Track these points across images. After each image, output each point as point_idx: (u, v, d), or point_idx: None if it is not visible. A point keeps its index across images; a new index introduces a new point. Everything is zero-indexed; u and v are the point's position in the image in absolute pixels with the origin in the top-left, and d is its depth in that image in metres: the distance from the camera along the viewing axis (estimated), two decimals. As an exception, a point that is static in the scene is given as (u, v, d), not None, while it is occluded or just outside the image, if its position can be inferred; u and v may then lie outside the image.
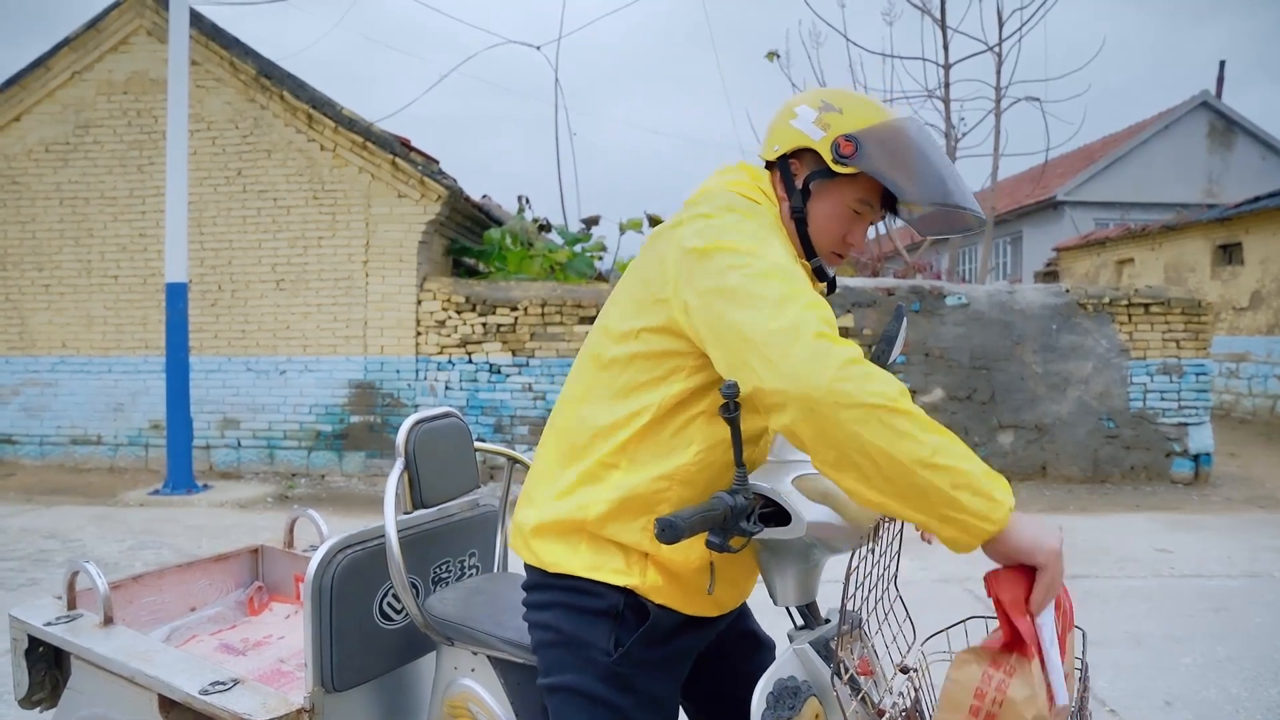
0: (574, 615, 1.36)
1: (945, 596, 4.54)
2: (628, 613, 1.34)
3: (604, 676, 1.33)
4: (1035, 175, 16.16)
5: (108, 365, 8.48)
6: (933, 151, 1.41)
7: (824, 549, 1.31)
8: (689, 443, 1.33)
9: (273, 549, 2.53)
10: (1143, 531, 6.00)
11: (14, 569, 5.02)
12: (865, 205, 1.43)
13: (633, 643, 1.33)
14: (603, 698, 1.33)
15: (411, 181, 8.04)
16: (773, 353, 1.13)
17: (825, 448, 1.12)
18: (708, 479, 1.34)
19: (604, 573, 1.33)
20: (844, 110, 1.40)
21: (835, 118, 1.39)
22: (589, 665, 1.34)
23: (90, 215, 8.49)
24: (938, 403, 7.76)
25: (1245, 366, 11.64)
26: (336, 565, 1.74)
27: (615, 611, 1.34)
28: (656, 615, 1.35)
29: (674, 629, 1.37)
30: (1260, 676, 3.51)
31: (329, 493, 7.55)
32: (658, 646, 1.36)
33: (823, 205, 1.43)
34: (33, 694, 2.06)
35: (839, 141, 1.37)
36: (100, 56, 8.48)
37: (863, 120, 1.38)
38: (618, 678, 1.33)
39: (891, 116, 1.41)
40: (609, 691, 1.33)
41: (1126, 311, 7.90)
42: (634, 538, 1.33)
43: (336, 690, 1.74)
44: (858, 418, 1.08)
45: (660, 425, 1.33)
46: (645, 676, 1.36)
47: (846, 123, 1.38)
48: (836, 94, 1.44)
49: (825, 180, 1.41)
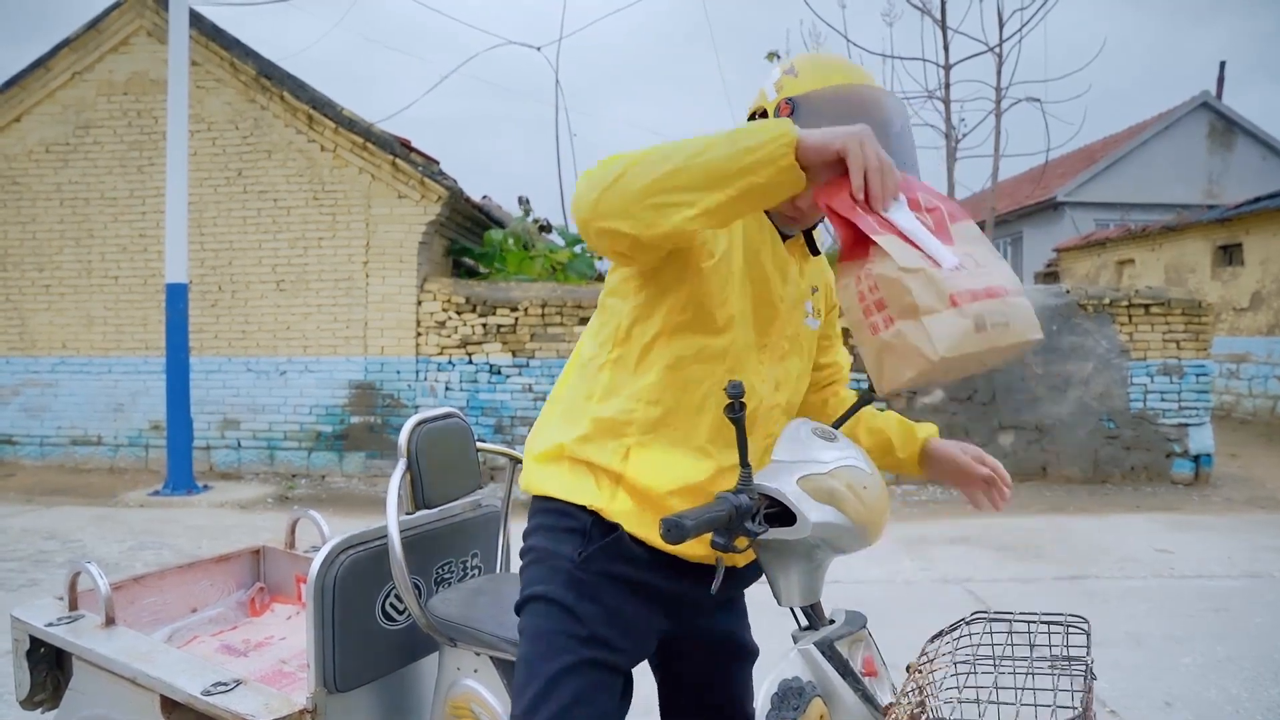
0: (550, 533, 1.41)
1: (946, 596, 4.54)
2: (594, 530, 1.38)
3: (568, 583, 1.37)
4: (1035, 176, 16.17)
5: (108, 366, 8.48)
6: (876, 118, 1.33)
7: (828, 549, 1.31)
8: (652, 365, 1.38)
9: (274, 550, 2.52)
10: (1143, 532, 6.00)
11: (14, 570, 5.02)
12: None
13: (596, 549, 1.36)
14: (562, 601, 1.36)
15: (412, 182, 8.04)
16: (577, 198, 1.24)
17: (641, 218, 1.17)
18: (673, 398, 1.38)
19: (577, 495, 1.38)
20: (800, 73, 1.39)
21: (790, 80, 1.39)
22: (556, 574, 1.38)
23: (90, 216, 8.49)
24: (938, 403, 7.76)
25: (1246, 367, 11.64)
26: (339, 566, 1.74)
27: (584, 529, 1.38)
28: (623, 534, 1.37)
29: (643, 558, 1.37)
30: (1260, 677, 3.51)
31: (329, 493, 7.55)
32: (622, 564, 1.37)
33: None
34: (34, 695, 2.06)
35: (780, 106, 1.37)
36: (100, 57, 8.48)
37: (812, 84, 1.37)
38: (580, 584, 1.36)
39: (845, 81, 1.38)
40: (570, 596, 1.36)
41: (1127, 312, 7.90)
42: (605, 458, 1.38)
43: (339, 691, 1.74)
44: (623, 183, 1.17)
45: (625, 352, 1.40)
46: (610, 589, 1.37)
47: (797, 86, 1.38)
48: (808, 59, 1.44)
49: None
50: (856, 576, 4.79)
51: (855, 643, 1.35)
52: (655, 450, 1.37)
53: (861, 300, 1.09)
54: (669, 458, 1.37)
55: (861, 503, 1.29)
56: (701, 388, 1.38)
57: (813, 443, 1.34)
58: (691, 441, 1.38)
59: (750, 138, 1.12)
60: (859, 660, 1.33)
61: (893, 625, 3.73)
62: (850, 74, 1.41)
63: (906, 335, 1.05)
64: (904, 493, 7.41)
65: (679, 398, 1.38)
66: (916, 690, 1.21)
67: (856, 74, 1.42)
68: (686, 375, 1.37)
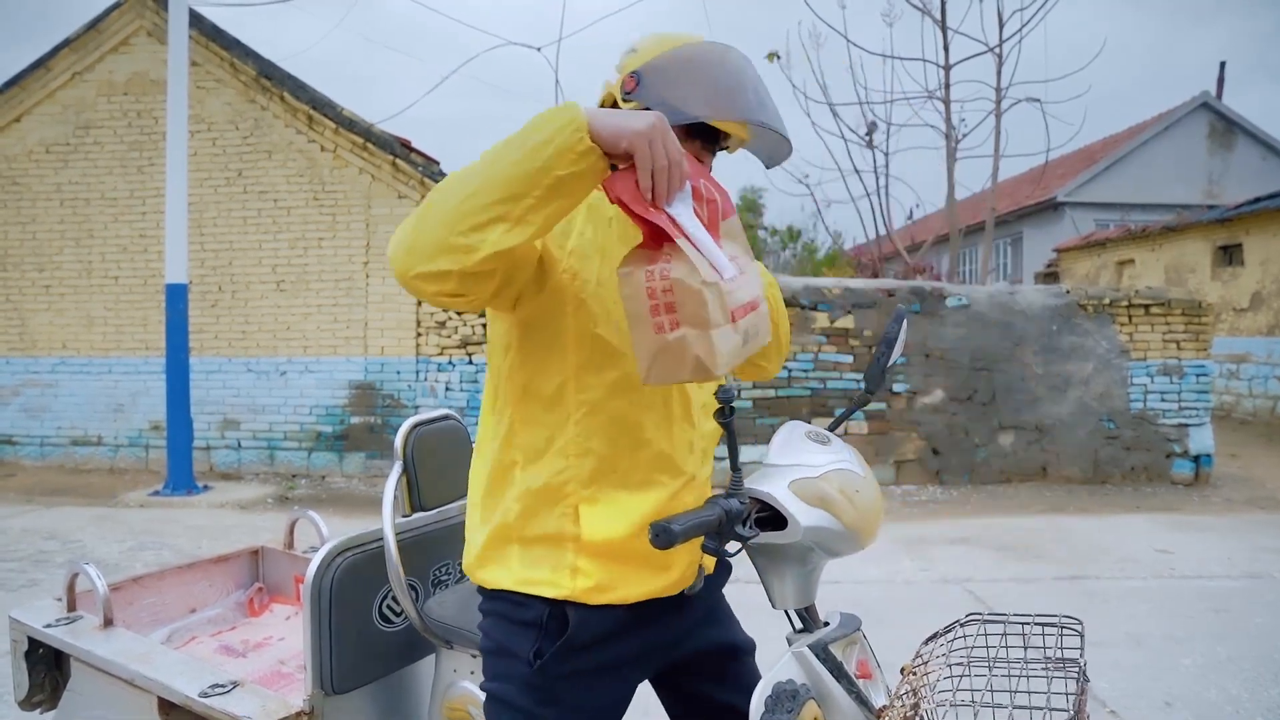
0: (505, 625, 1.34)
1: (945, 597, 4.54)
2: (551, 623, 1.30)
3: (524, 687, 1.31)
4: (1036, 176, 16.16)
5: (108, 366, 8.48)
6: (726, 70, 1.30)
7: (821, 553, 1.31)
8: (568, 415, 1.29)
9: (273, 550, 2.53)
10: (1143, 532, 6.00)
11: (14, 570, 5.02)
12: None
13: (551, 655, 1.29)
14: (520, 706, 1.31)
15: (412, 182, 8.04)
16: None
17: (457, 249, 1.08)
18: (603, 443, 1.29)
19: (532, 585, 1.30)
20: (640, 49, 1.32)
21: (631, 58, 1.32)
22: (512, 675, 1.33)
23: (91, 216, 8.50)
24: (938, 403, 7.76)
25: (1246, 367, 11.63)
26: (336, 568, 1.74)
27: (540, 622, 1.30)
28: (577, 625, 1.29)
29: (604, 633, 1.31)
30: (1260, 677, 3.51)
31: (329, 494, 7.55)
32: (584, 655, 1.31)
33: None
34: (33, 696, 2.06)
35: (624, 80, 1.30)
36: (101, 57, 8.49)
37: (651, 54, 1.30)
38: (537, 689, 1.31)
39: (685, 42, 1.31)
40: (530, 702, 1.31)
41: (1127, 312, 7.90)
42: (555, 526, 1.30)
43: (336, 693, 1.74)
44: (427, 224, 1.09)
45: (532, 411, 1.31)
46: (571, 687, 1.31)
47: (637, 60, 1.31)
48: (649, 34, 1.36)
49: None
50: (856, 577, 4.79)
51: (850, 645, 1.35)
52: (604, 499, 1.29)
53: (651, 296, 1.08)
54: (621, 501, 1.30)
55: (854, 506, 1.29)
56: (630, 421, 1.30)
57: (805, 446, 1.34)
58: (638, 476, 1.31)
59: (538, 133, 1.07)
60: (853, 663, 1.33)
61: (892, 625, 3.73)
62: (691, 37, 1.34)
63: (691, 344, 1.07)
64: (904, 493, 7.41)
65: (611, 440, 1.29)
66: (911, 692, 1.21)
67: (697, 38, 1.34)
68: (610, 414, 1.29)
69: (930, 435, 7.75)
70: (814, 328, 7.67)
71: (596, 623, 1.30)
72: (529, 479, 1.31)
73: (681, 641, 1.44)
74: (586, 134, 1.06)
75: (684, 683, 1.51)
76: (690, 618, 1.43)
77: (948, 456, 7.76)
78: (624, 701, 1.41)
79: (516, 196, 1.06)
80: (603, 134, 1.07)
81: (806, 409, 7.61)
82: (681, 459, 1.34)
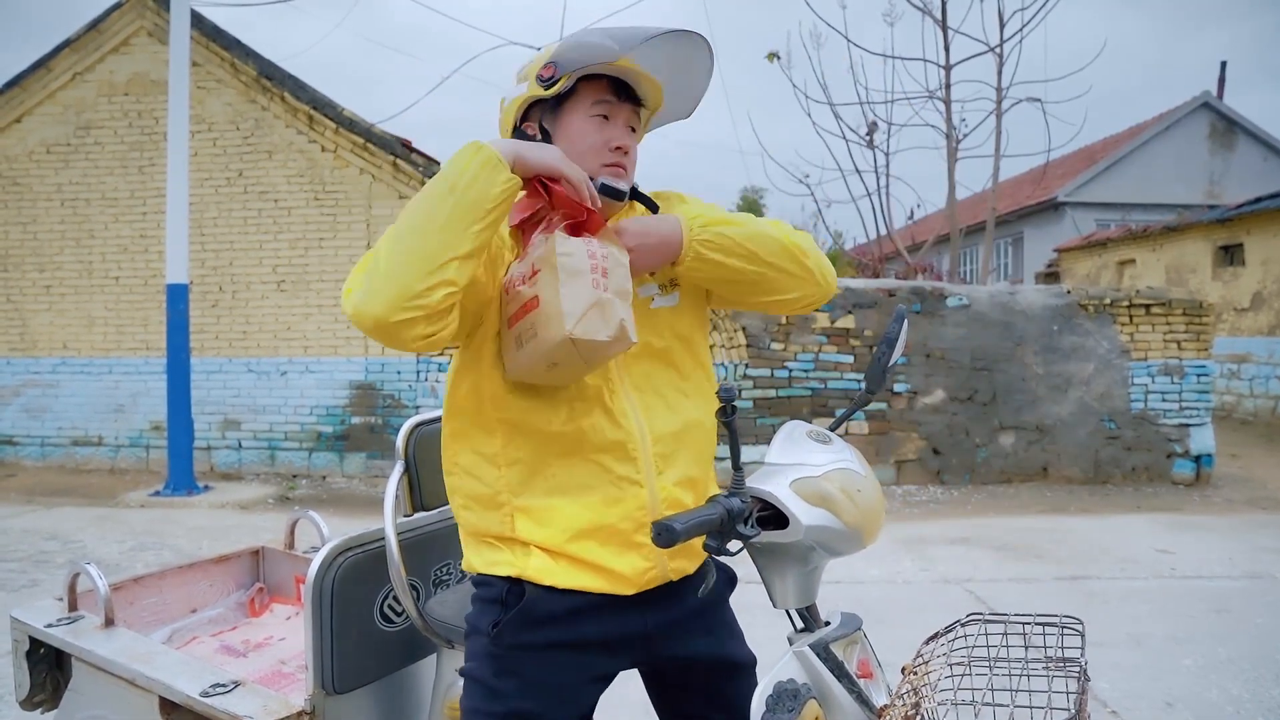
0: (477, 605, 1.42)
1: (946, 597, 4.54)
2: (510, 598, 1.36)
3: (485, 658, 1.37)
4: (1036, 176, 16.15)
5: (109, 366, 8.49)
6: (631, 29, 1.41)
7: (823, 552, 1.31)
8: (494, 428, 1.38)
9: (274, 550, 2.53)
10: (1144, 532, 6.00)
11: (15, 570, 5.02)
12: (602, 104, 1.42)
13: (505, 624, 1.34)
14: (481, 679, 1.36)
15: (413, 183, 8.05)
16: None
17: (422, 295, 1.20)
18: (529, 452, 1.37)
19: (494, 566, 1.38)
20: (538, 57, 1.43)
21: (532, 66, 1.43)
22: (477, 650, 1.39)
23: (91, 216, 8.50)
24: (939, 404, 7.75)
25: (1246, 368, 11.63)
26: (337, 568, 1.74)
27: (500, 598, 1.37)
28: (533, 598, 1.35)
29: (563, 613, 1.35)
30: (1261, 678, 3.50)
31: (330, 494, 7.55)
32: (537, 629, 1.35)
33: (566, 132, 1.42)
34: (34, 695, 2.06)
35: (539, 75, 1.39)
36: (101, 58, 8.49)
37: (556, 46, 1.42)
38: (496, 659, 1.35)
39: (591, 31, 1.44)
40: (488, 672, 1.35)
41: (1128, 312, 7.90)
42: (499, 528, 1.38)
43: (337, 693, 1.74)
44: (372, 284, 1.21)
45: (463, 424, 1.41)
46: (528, 659, 1.35)
47: (547, 54, 1.41)
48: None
49: (552, 113, 1.43)
50: (857, 576, 4.80)
51: (850, 645, 1.35)
52: (537, 508, 1.36)
53: (592, 258, 1.25)
54: (554, 508, 1.35)
55: (855, 505, 1.29)
56: (549, 432, 1.35)
57: (806, 445, 1.34)
58: (573, 483, 1.36)
59: (460, 176, 1.22)
60: (854, 662, 1.33)
61: (893, 625, 3.73)
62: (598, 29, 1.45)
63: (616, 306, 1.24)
64: (905, 493, 7.41)
65: (536, 451, 1.36)
66: (911, 692, 1.21)
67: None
68: (531, 428, 1.36)
69: (931, 435, 7.75)
70: (814, 328, 7.67)
71: (554, 601, 1.35)
72: (472, 485, 1.40)
73: (661, 639, 1.42)
74: (507, 167, 1.23)
75: (677, 697, 1.50)
76: (667, 615, 1.41)
77: (948, 456, 7.76)
78: (590, 685, 1.40)
79: (459, 233, 1.20)
80: (530, 163, 1.27)
81: (807, 409, 7.61)
82: (618, 465, 1.35)
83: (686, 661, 1.45)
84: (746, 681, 1.48)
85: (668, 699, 1.52)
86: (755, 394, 7.61)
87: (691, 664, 1.46)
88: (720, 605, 1.51)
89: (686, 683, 1.48)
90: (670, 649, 1.44)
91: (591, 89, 1.41)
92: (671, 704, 1.52)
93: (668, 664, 1.46)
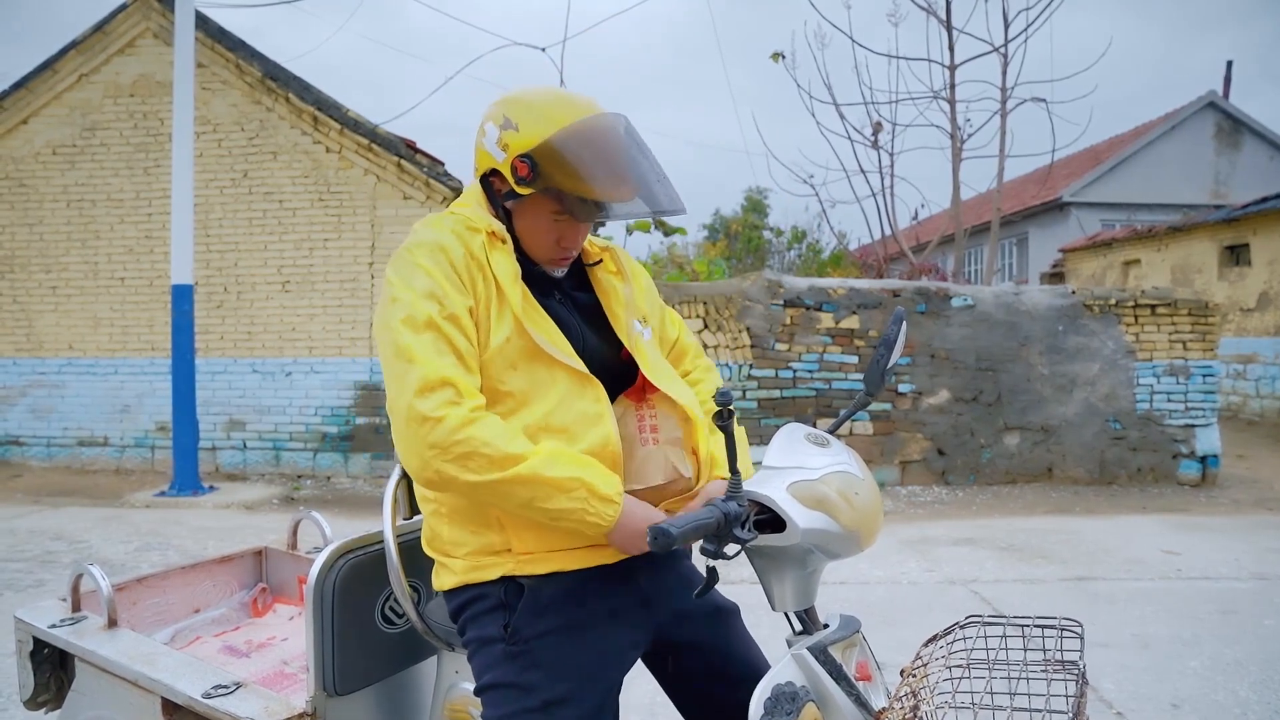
0: (475, 621, 1.44)
1: (948, 597, 4.53)
2: (510, 597, 1.39)
3: (505, 660, 1.38)
4: (1041, 176, 16.09)
5: (114, 367, 8.51)
6: (615, 148, 1.38)
7: (821, 555, 1.30)
8: None
9: (276, 550, 2.53)
10: (1150, 533, 5.98)
11: (21, 570, 5.04)
12: (564, 215, 1.41)
13: (516, 619, 1.38)
14: (507, 682, 1.37)
15: (417, 183, 8.06)
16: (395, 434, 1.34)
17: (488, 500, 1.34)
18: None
19: (481, 572, 1.41)
20: (520, 126, 1.38)
21: (512, 136, 1.38)
22: (493, 658, 1.40)
23: (97, 217, 8.53)
24: (943, 404, 7.74)
25: (1253, 368, 11.58)
26: (339, 570, 1.75)
27: (501, 602, 1.40)
28: (533, 587, 1.39)
29: (568, 592, 1.39)
30: (1269, 679, 3.49)
31: (335, 494, 7.57)
32: (551, 614, 1.38)
33: (524, 221, 1.44)
34: (38, 696, 2.07)
35: (515, 165, 1.37)
36: (107, 59, 8.52)
37: (537, 135, 1.36)
38: (517, 657, 1.37)
39: (568, 121, 1.37)
40: (512, 672, 1.37)
41: (1133, 313, 7.88)
42: (481, 542, 1.41)
43: (338, 694, 1.74)
44: (467, 489, 1.29)
45: None
46: (548, 648, 1.38)
47: (522, 141, 1.37)
48: (518, 105, 1.41)
49: (518, 200, 1.42)
50: (861, 577, 4.79)
51: (849, 647, 1.34)
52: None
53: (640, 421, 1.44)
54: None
55: (852, 508, 1.28)
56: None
57: (804, 448, 1.34)
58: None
59: (591, 513, 1.30)
60: (853, 665, 1.33)
61: (897, 626, 3.73)
62: (571, 108, 1.39)
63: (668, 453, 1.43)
64: (909, 494, 7.40)
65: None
66: (910, 694, 1.21)
67: (577, 106, 1.40)
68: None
69: (935, 436, 7.73)
70: (819, 328, 7.66)
71: (553, 584, 1.39)
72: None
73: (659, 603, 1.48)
74: (606, 531, 1.33)
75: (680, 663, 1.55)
76: (657, 578, 1.48)
77: (953, 457, 7.74)
78: (613, 660, 1.43)
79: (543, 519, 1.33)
80: (616, 541, 1.35)
81: (811, 409, 7.60)
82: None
83: (682, 615, 1.51)
84: (735, 622, 1.58)
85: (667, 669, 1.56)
86: (760, 394, 7.60)
87: (688, 616, 1.52)
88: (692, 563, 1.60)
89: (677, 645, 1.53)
90: (667, 607, 1.50)
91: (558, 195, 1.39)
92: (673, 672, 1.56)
93: (670, 627, 1.50)
